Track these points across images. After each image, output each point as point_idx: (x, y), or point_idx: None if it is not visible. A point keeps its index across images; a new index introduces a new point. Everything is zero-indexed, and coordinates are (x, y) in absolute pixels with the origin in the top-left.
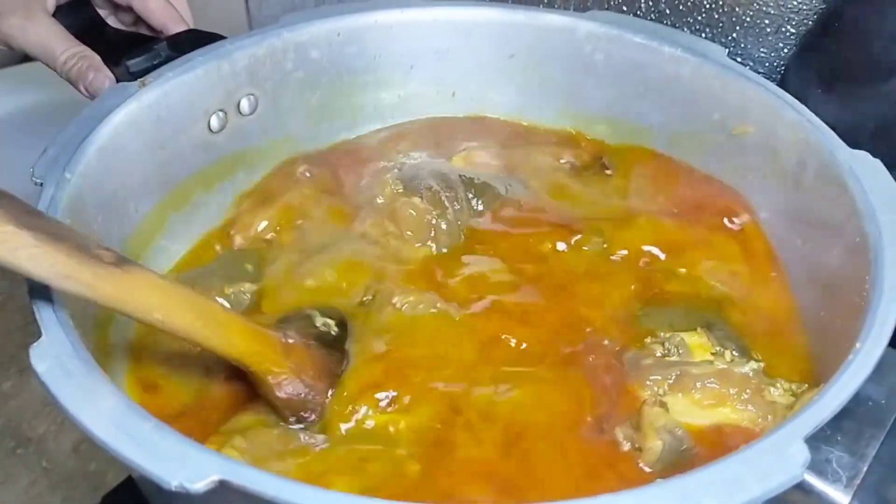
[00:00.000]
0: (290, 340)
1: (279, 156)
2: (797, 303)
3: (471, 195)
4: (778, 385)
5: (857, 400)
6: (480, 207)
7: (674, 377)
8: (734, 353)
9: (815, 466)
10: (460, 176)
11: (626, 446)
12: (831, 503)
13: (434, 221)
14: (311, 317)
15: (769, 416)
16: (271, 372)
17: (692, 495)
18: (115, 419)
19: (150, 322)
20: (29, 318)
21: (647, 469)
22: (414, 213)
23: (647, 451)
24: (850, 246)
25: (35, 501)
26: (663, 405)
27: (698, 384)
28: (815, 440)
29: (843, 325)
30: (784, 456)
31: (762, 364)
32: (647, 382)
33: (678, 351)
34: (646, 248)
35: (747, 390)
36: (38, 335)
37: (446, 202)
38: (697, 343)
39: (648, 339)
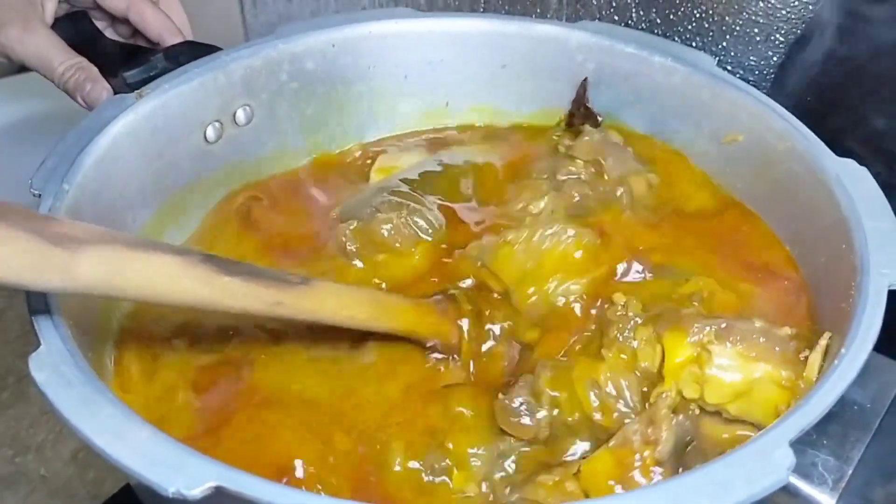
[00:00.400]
0: (444, 305)
1: (274, 166)
2: None
3: (418, 191)
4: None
5: (843, 404)
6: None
7: (722, 327)
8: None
9: (801, 470)
10: (400, 180)
11: (638, 441)
12: None
13: (407, 220)
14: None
15: (800, 381)
16: (436, 334)
17: (680, 498)
18: (114, 427)
19: (339, 322)
20: (27, 328)
21: (659, 468)
22: (389, 227)
23: (664, 443)
24: (836, 252)
25: None
26: (708, 352)
27: (745, 337)
28: (801, 444)
29: (831, 329)
30: (770, 460)
31: (794, 330)
32: (694, 328)
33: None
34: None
35: (788, 350)
36: (37, 345)
37: (404, 200)
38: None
39: (676, 295)
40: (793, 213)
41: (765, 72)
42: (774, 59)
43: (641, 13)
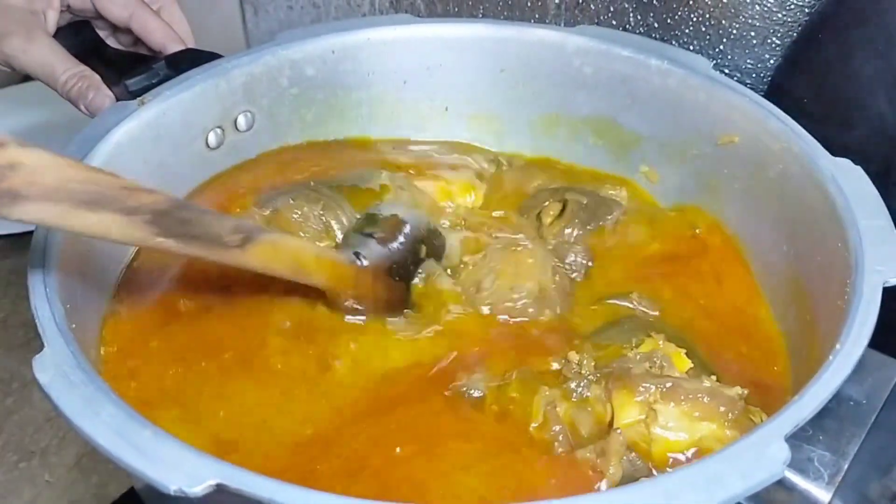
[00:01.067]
0: (364, 263)
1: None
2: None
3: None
4: (756, 413)
5: (839, 400)
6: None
7: (667, 387)
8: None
9: (797, 465)
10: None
11: (585, 468)
12: (813, 500)
13: (320, 215)
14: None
15: None
16: (339, 293)
17: (674, 492)
18: (116, 427)
19: (259, 272)
20: (31, 335)
21: None
22: (298, 214)
23: (611, 476)
24: (832, 250)
25: None
26: (654, 412)
27: (690, 396)
28: (797, 439)
29: (826, 328)
30: (765, 454)
31: (745, 391)
32: (640, 388)
33: (663, 365)
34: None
35: (735, 410)
36: (41, 349)
37: (322, 196)
38: (679, 359)
39: (631, 354)
40: (788, 212)
41: (761, 74)
42: (771, 61)
43: (639, 17)
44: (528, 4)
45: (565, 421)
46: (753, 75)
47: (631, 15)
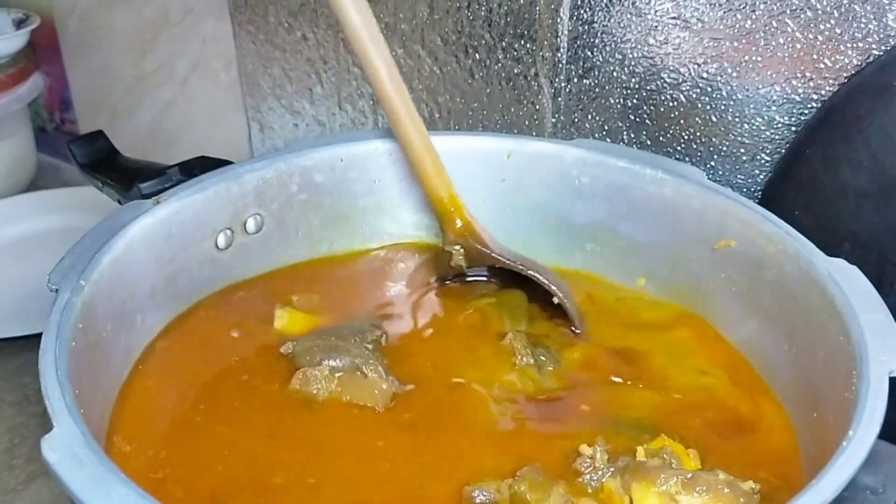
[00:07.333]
0: None
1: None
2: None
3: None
4: None
5: (855, 489)
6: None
7: (689, 477)
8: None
9: None
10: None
11: None
12: None
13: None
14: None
15: None
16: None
17: None
18: None
19: None
20: (16, 440)
21: None
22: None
23: None
24: (834, 345)
25: None
26: (676, 502)
27: (711, 487)
28: None
29: (835, 420)
30: None
31: (758, 485)
32: (661, 478)
33: (672, 462)
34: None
35: (752, 503)
36: (50, 427)
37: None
38: (687, 459)
39: (641, 449)
40: (787, 312)
41: (752, 188)
42: (761, 176)
43: (632, 135)
44: (526, 123)
45: None
46: (744, 189)
47: (624, 133)
